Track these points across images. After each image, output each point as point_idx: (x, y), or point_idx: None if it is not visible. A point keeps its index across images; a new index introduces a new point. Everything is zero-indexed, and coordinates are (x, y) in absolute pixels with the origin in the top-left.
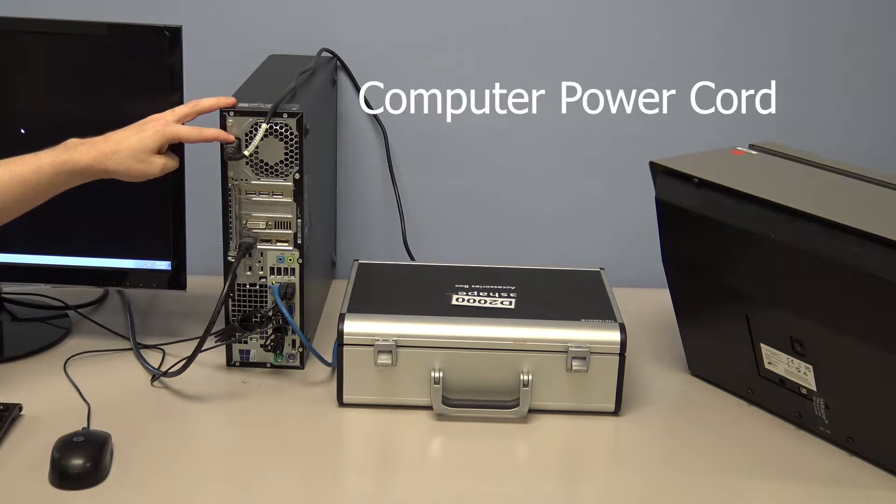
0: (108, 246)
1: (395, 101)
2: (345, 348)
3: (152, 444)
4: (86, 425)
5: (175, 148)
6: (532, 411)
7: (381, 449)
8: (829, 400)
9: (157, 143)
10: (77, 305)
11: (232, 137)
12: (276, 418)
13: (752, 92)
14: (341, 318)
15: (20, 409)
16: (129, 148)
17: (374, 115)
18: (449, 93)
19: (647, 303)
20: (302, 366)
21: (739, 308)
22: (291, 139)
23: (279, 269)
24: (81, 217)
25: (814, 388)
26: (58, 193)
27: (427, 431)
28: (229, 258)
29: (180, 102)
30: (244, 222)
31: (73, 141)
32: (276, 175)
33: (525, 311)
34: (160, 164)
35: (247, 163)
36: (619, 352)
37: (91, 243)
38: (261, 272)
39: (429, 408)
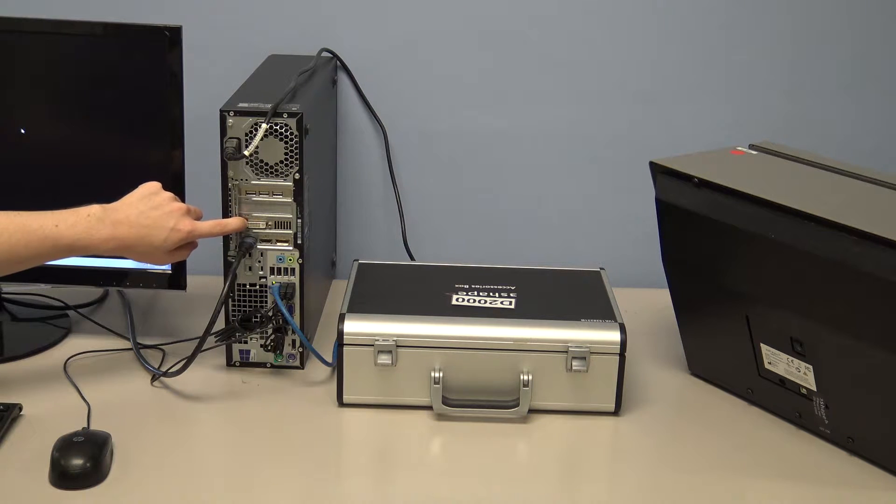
0: None
1: (395, 101)
2: (345, 348)
3: (152, 444)
4: (86, 425)
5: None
6: (532, 411)
7: (381, 449)
8: (829, 400)
9: (179, 245)
10: (77, 305)
11: (243, 224)
12: (276, 418)
13: (752, 92)
14: (341, 318)
15: (20, 409)
16: (151, 245)
17: (375, 115)
18: (449, 92)
19: (647, 303)
20: (302, 366)
21: (739, 308)
22: (291, 139)
23: (279, 269)
24: None
25: (814, 388)
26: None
27: (427, 431)
28: (229, 258)
29: (180, 103)
30: None
31: (95, 213)
32: (276, 175)
33: (525, 311)
34: (169, 262)
35: (247, 163)
36: (619, 352)
37: None
38: (261, 272)
39: (429, 408)
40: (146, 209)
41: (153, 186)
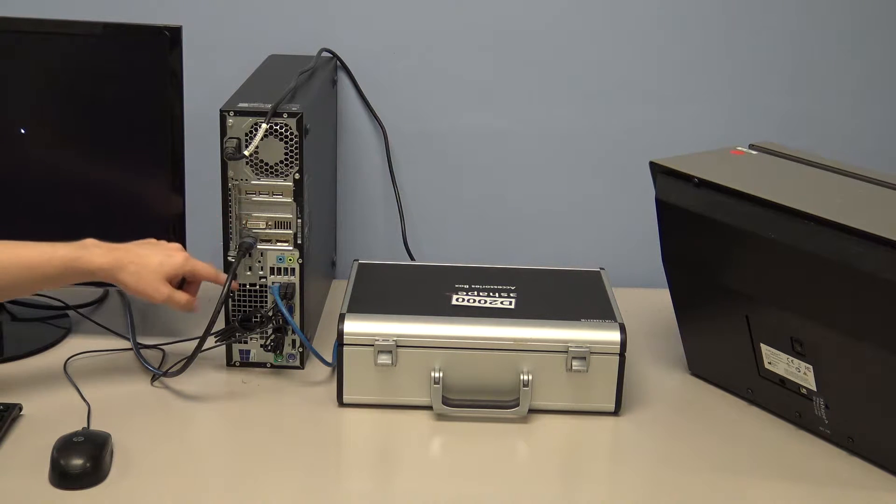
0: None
1: (395, 101)
2: (345, 348)
3: (152, 444)
4: (86, 425)
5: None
6: (532, 411)
7: (381, 449)
8: (829, 400)
9: (174, 274)
10: (77, 305)
11: (235, 287)
12: (276, 418)
13: (752, 92)
14: (341, 318)
15: (20, 409)
16: (147, 268)
17: (375, 115)
18: (449, 93)
19: (647, 303)
20: (302, 366)
21: (739, 308)
22: (291, 139)
23: (279, 269)
24: (82, 217)
25: (814, 388)
26: (63, 286)
27: (427, 431)
28: (229, 258)
29: (180, 103)
30: (244, 222)
31: (90, 241)
32: (276, 175)
33: (525, 311)
34: (166, 294)
35: (247, 163)
36: (619, 352)
37: None
38: (261, 272)
39: (429, 408)
40: (144, 244)
41: (153, 240)
